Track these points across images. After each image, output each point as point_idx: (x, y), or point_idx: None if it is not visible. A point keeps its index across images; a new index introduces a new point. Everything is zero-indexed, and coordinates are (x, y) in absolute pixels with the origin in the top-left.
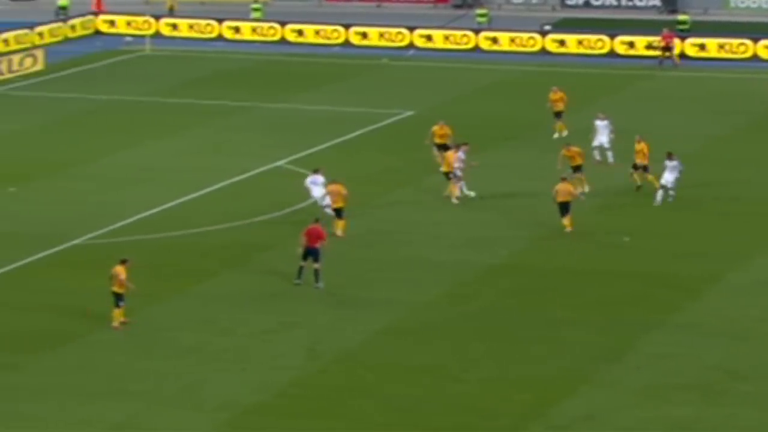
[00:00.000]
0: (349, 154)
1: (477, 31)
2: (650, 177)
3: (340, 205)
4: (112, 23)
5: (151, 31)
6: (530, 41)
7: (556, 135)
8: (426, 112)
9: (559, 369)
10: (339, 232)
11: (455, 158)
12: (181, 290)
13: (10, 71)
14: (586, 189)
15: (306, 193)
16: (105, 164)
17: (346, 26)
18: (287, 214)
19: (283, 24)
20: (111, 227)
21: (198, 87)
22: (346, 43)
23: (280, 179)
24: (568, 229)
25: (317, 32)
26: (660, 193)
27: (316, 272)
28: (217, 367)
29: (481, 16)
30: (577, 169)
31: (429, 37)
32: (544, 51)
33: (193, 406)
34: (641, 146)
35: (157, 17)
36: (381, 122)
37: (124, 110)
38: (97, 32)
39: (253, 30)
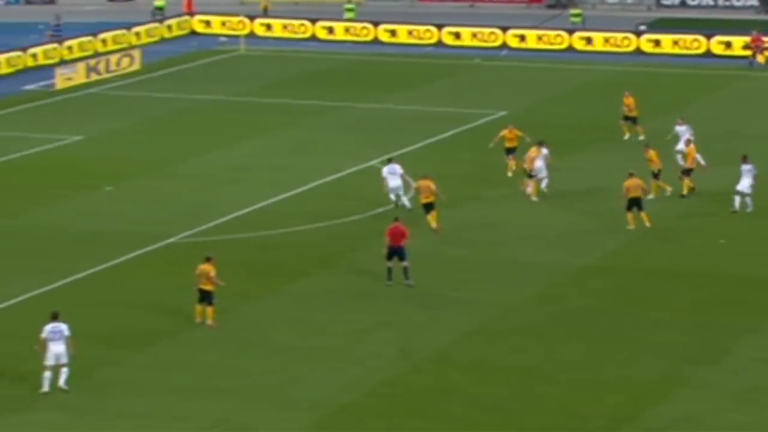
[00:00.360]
0: (442, 154)
1: (571, 32)
2: (687, 181)
3: (430, 200)
4: (207, 23)
5: (245, 32)
6: (625, 41)
7: (641, 137)
8: (519, 112)
9: (652, 371)
10: (434, 225)
11: (538, 156)
12: (275, 289)
13: (107, 71)
14: (668, 192)
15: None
16: (200, 163)
17: (439, 26)
18: (380, 214)
19: (376, 24)
20: (205, 226)
21: (291, 87)
22: (439, 44)
23: (372, 179)
24: (648, 224)
25: (410, 32)
26: (737, 199)
27: (405, 270)
28: (309, 366)
29: (575, 16)
30: (655, 175)
31: (522, 38)
32: (638, 51)
33: (285, 404)
34: (689, 149)
35: (252, 17)
36: (473, 122)
37: (219, 110)
38: (193, 32)
39: (347, 30)
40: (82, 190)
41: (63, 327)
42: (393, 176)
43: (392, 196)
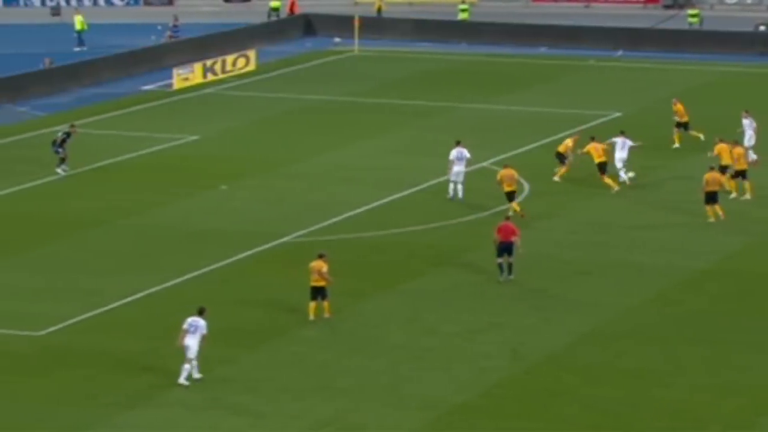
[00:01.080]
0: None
1: (688, 32)
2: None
3: (513, 188)
4: (321, 24)
5: (359, 33)
6: (743, 42)
7: (676, 145)
8: (633, 113)
9: None
10: (517, 209)
11: (619, 147)
12: (387, 289)
13: (223, 71)
14: (747, 196)
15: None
16: (313, 163)
17: (554, 27)
18: (493, 215)
19: (490, 24)
20: (318, 225)
21: (404, 87)
22: (554, 44)
23: (484, 180)
24: (722, 217)
25: (524, 33)
26: None
27: (510, 265)
28: (422, 366)
29: (693, 16)
30: (736, 175)
31: (638, 38)
32: (757, 52)
33: (397, 404)
34: (736, 150)
35: (366, 18)
36: (588, 123)
37: (332, 110)
38: (308, 33)
39: (461, 31)
40: (198, 189)
41: (201, 324)
42: (459, 161)
43: (451, 182)
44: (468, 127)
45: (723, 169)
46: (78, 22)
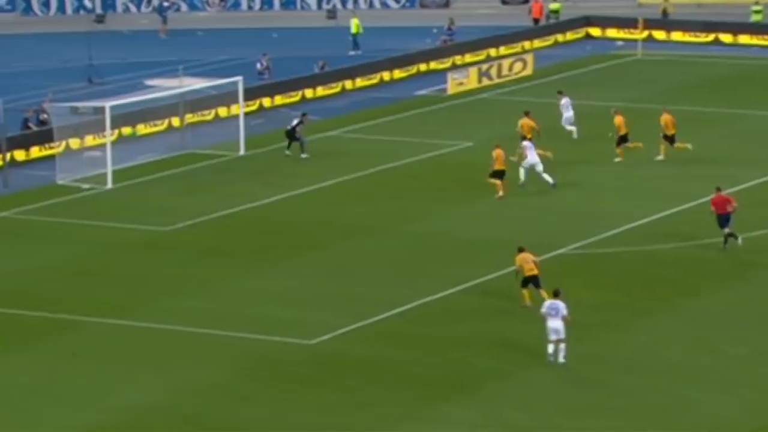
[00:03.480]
0: None
1: None
2: None
3: (503, 167)
4: (602, 27)
5: (643, 36)
6: None
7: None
8: None
9: None
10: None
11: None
12: (672, 305)
13: (499, 76)
14: None
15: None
16: (590, 172)
17: None
18: None
19: None
20: (598, 237)
21: (690, 93)
22: None
23: None
24: None
25: None
26: None
27: (731, 235)
28: (705, 387)
29: None
30: None
31: None
32: None
33: (677, 425)
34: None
35: (650, 21)
36: None
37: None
38: (588, 36)
39: (753, 33)
40: (473, 197)
41: (560, 305)
42: (531, 151)
43: (538, 171)
44: (756, 137)
45: None
46: (354, 25)
